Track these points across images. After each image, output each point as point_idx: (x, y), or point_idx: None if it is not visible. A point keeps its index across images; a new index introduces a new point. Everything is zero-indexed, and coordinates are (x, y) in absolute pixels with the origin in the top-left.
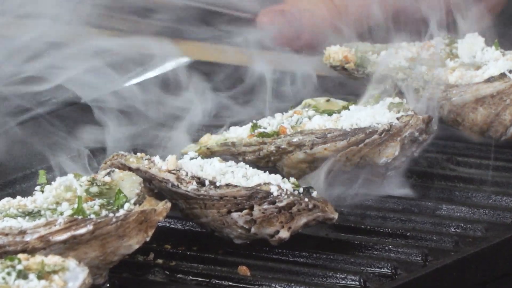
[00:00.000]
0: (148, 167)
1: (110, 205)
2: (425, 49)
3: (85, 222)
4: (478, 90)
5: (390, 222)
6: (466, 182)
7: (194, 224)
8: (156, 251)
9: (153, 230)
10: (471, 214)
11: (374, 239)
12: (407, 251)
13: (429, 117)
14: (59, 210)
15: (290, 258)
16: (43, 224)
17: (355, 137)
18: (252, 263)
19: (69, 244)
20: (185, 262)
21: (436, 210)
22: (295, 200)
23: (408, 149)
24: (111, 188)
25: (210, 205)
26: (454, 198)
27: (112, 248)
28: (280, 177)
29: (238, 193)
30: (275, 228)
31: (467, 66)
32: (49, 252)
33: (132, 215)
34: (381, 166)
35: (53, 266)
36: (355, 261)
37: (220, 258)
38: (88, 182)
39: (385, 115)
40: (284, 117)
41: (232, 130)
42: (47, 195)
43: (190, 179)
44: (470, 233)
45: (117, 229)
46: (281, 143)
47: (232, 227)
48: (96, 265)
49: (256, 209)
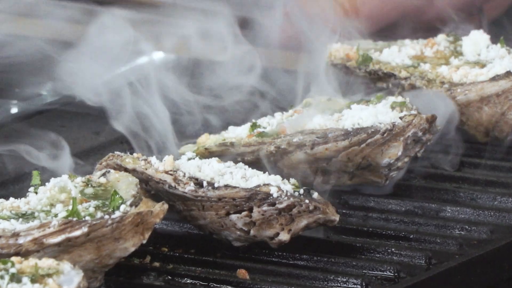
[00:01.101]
0: (145, 167)
1: (106, 207)
2: (429, 46)
3: (80, 224)
4: (483, 89)
5: (392, 224)
6: (471, 183)
7: (192, 226)
8: (152, 254)
9: (149, 232)
10: (476, 216)
11: (376, 241)
12: (410, 254)
13: (432, 116)
14: (53, 212)
15: (290, 261)
16: (37, 226)
17: (357, 137)
18: (251, 266)
19: (63, 247)
20: (183, 265)
21: (440, 211)
22: (295, 202)
23: (411, 149)
24: (107, 190)
25: (208, 206)
26: (458, 200)
27: (108, 251)
28: (280, 178)
29: (237, 194)
30: (274, 230)
31: (471, 64)
32: (43, 255)
33: (128, 217)
34: (384, 167)
35: (47, 269)
36: (356, 264)
37: (218, 261)
38: (83, 183)
39: (388, 114)
40: (284, 116)
41: (231, 130)
42: (41, 197)
43: (187, 180)
44: (475, 236)
45: (112, 232)
46: (281, 143)
47: (231, 229)
48: (91, 268)
49: (256, 211)
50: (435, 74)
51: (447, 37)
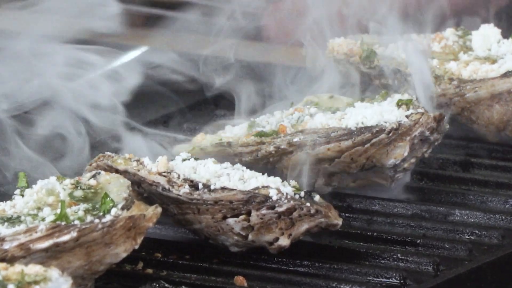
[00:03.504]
0: (137, 169)
1: (96, 210)
2: (437, 41)
3: (68, 228)
4: (493, 85)
5: (398, 228)
6: (481, 185)
7: (187, 230)
8: (145, 260)
9: (142, 237)
10: (486, 219)
11: (381, 247)
12: (417, 260)
13: (440, 114)
14: (41, 215)
15: (291, 268)
16: (23, 231)
17: (360, 136)
18: (249, 273)
19: (51, 253)
20: (177, 272)
21: (448, 215)
22: (296, 205)
23: (418, 149)
24: (97, 192)
25: (204, 210)
26: (468, 203)
27: (98, 257)
28: (280, 180)
29: (234, 197)
30: (274, 235)
31: (482, 59)
32: (29, 261)
33: (119, 221)
34: (389, 168)
35: (34, 276)
36: (360, 271)
37: (214, 268)
38: (72, 185)
39: (393, 112)
40: (284, 115)
41: (228, 129)
42: (27, 200)
43: (182, 182)
44: (485, 241)
45: (103, 236)
46: (281, 143)
47: (228, 234)
48: (81, 275)
49: (254, 215)
50: (443, 70)
51: (456, 31)
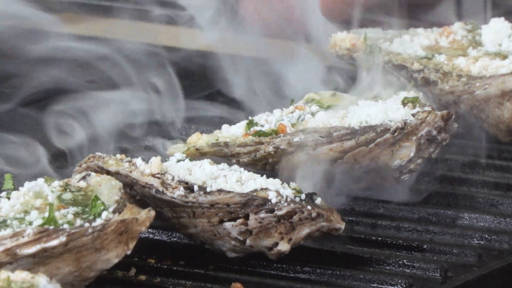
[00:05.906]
0: (129, 170)
1: (86, 214)
2: (444, 36)
3: (57, 233)
4: (504, 82)
5: (404, 232)
6: (491, 188)
7: (182, 235)
8: (138, 266)
9: (134, 242)
10: (496, 223)
11: (386, 252)
12: (424, 266)
13: (448, 113)
14: (28, 219)
15: (291, 274)
16: (9, 236)
17: (364, 136)
18: (247, 279)
19: (39, 258)
20: (171, 278)
21: (456, 219)
22: (296, 208)
23: (425, 149)
24: (87, 195)
25: (199, 213)
26: (477, 206)
27: (88, 263)
28: (279, 182)
29: (232, 200)
30: (273, 240)
31: (492, 55)
32: (16, 267)
33: (110, 225)
34: (394, 169)
35: (21, 283)
36: (364, 277)
37: (211, 274)
38: (60, 187)
39: (399, 111)
40: (283, 113)
41: (225, 129)
42: (14, 203)
43: (176, 184)
44: (495, 246)
45: (93, 241)
46: (280, 143)
47: (225, 238)
48: (70, 282)
49: (252, 218)
50: (451, 66)
51: (465, 25)
